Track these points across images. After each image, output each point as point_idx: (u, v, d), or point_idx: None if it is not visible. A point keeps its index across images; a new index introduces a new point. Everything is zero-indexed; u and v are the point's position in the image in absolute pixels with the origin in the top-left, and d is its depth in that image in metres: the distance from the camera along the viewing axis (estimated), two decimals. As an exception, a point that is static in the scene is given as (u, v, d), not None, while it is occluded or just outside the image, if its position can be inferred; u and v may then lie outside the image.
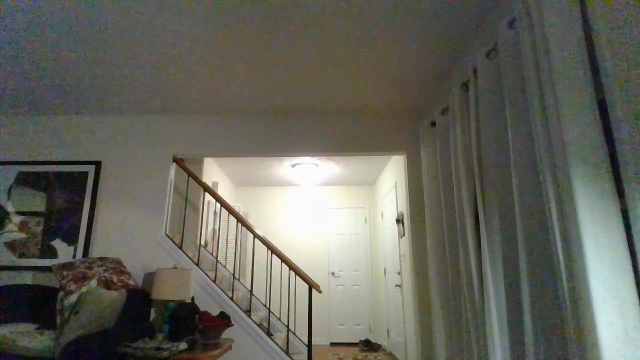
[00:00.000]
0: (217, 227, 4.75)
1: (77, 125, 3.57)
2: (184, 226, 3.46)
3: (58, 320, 2.44)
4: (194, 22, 2.31)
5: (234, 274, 3.39)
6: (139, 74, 2.90)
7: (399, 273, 4.40)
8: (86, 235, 3.27)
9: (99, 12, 2.22)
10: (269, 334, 3.11)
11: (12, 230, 3.30)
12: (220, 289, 3.17)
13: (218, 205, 4.97)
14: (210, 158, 4.76)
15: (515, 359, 1.80)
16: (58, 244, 3.26)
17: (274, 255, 4.99)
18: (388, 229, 5.08)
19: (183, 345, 2.37)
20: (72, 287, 2.61)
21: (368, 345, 5.20)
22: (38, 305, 2.88)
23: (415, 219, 3.40)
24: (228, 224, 5.03)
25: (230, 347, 2.73)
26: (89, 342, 2.15)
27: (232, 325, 2.78)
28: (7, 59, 2.69)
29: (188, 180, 3.63)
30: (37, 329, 2.66)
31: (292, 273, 5.49)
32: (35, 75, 2.90)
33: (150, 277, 3.19)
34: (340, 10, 2.20)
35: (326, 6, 2.17)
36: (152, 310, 3.14)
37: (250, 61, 2.73)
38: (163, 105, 3.42)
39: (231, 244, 5.51)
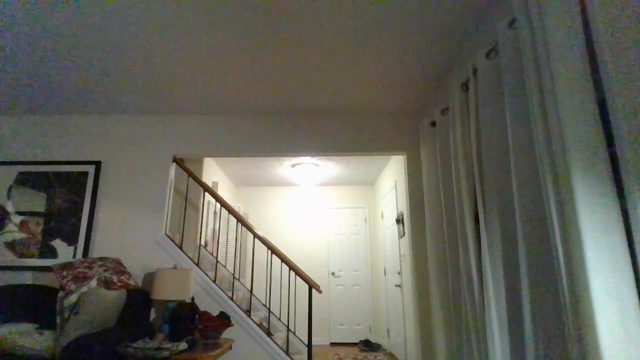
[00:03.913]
0: (217, 227, 4.75)
1: (77, 125, 3.57)
2: (184, 226, 3.46)
3: (58, 320, 2.44)
4: (196, 22, 2.31)
5: (234, 274, 3.39)
6: (138, 74, 2.90)
7: (399, 273, 4.40)
8: (86, 235, 3.27)
9: (99, 12, 2.22)
10: (269, 334, 3.11)
11: (12, 230, 3.30)
12: (220, 289, 3.17)
13: (218, 205, 4.97)
14: (210, 158, 4.76)
15: (515, 359, 1.79)
16: (58, 244, 3.26)
17: (274, 255, 4.98)
18: (388, 229, 5.08)
19: (183, 345, 2.37)
20: (72, 287, 2.61)
21: (368, 345, 5.20)
22: (38, 305, 2.88)
23: (415, 219, 3.40)
24: (228, 224, 5.03)
25: (230, 347, 2.73)
26: (89, 342, 2.15)
27: (232, 325, 2.78)
28: (7, 59, 2.69)
29: (188, 180, 3.64)
30: (37, 329, 2.66)
31: (292, 273, 5.49)
32: (35, 75, 2.90)
33: (150, 277, 3.19)
34: (340, 10, 2.20)
35: (326, 7, 2.17)
36: (152, 310, 3.14)
37: (251, 62, 2.73)
38: (163, 105, 3.42)
39: (231, 244, 5.51)
